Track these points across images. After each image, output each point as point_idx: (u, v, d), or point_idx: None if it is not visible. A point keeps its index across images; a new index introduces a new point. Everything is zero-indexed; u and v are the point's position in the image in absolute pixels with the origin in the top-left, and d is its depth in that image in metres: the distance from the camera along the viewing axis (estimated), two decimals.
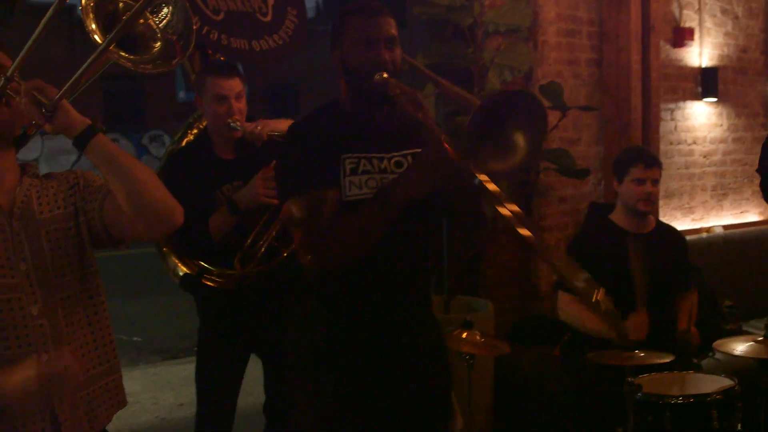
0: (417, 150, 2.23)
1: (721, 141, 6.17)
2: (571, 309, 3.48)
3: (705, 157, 6.07)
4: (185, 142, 3.28)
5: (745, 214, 6.39)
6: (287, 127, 2.79)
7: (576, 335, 3.54)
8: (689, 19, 5.75)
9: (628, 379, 2.84)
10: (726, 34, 6.07)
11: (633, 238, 3.36)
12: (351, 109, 2.23)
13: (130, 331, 7.05)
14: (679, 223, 5.73)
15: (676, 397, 2.88)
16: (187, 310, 3.24)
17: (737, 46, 6.17)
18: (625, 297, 3.40)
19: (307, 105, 20.09)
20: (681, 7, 5.69)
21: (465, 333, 3.15)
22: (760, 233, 5.93)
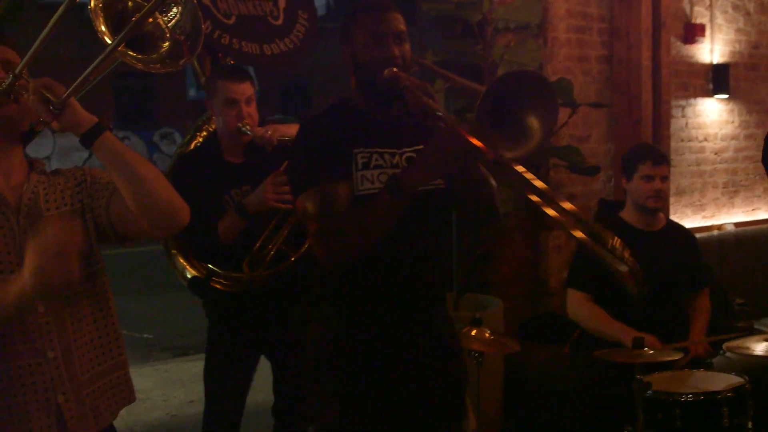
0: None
1: (733, 138, 6.14)
2: (581, 308, 3.47)
3: (716, 154, 6.04)
4: (194, 145, 3.29)
5: (757, 212, 6.36)
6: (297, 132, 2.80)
7: (586, 332, 3.53)
8: (700, 15, 5.73)
9: (638, 376, 2.83)
10: (737, 30, 6.04)
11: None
12: (362, 105, 2.24)
13: (141, 328, 7.07)
14: (690, 220, 5.71)
15: (686, 394, 2.87)
16: (197, 308, 3.25)
17: (749, 42, 6.13)
18: (635, 297, 3.39)
19: (317, 102, 20.10)
20: (692, 4, 5.66)
21: (474, 330, 3.14)
22: None
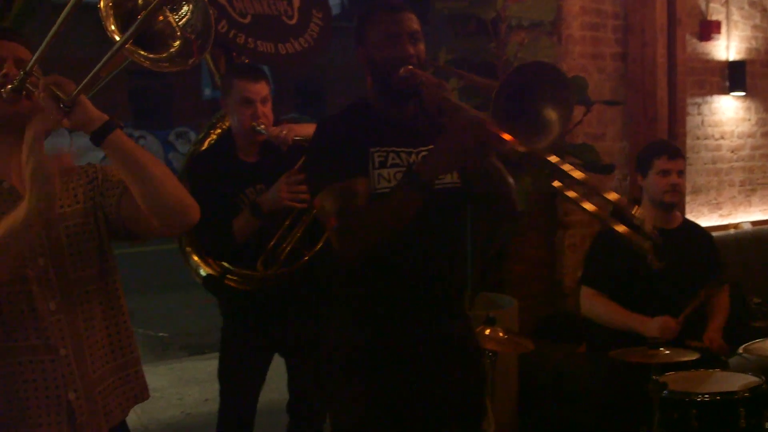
0: None
1: (749, 135, 6.09)
2: (595, 304, 3.45)
3: (733, 152, 5.99)
4: (208, 143, 3.29)
5: None
6: (312, 131, 2.81)
7: (602, 332, 3.51)
8: (716, 12, 5.68)
9: (654, 377, 2.82)
10: (754, 27, 5.98)
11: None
12: (378, 106, 2.25)
13: (156, 327, 7.10)
14: (706, 219, 5.67)
15: (702, 395, 2.84)
16: (213, 306, 3.26)
17: (765, 39, 6.08)
18: (651, 294, 3.37)
19: (332, 101, 20.12)
20: (707, 0, 5.62)
21: (488, 329, 3.13)
22: None
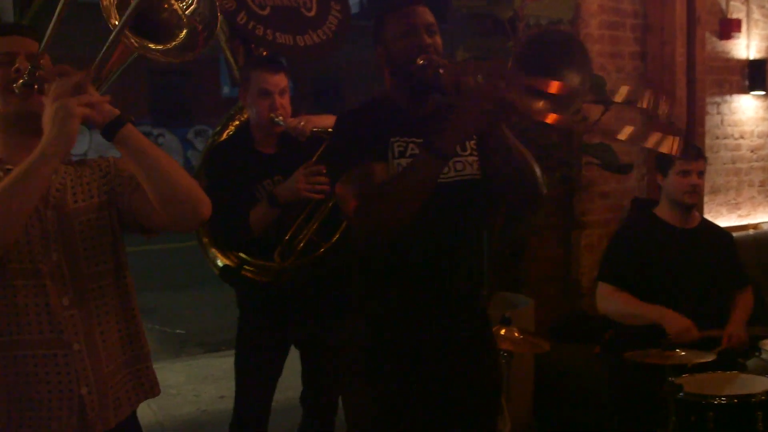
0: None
1: None
2: (611, 299, 3.43)
3: (752, 151, 5.93)
4: (226, 135, 3.31)
5: None
6: (330, 123, 2.81)
7: (617, 332, 3.49)
8: (736, 11, 5.63)
9: (669, 378, 2.80)
10: None
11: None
12: (398, 99, 2.26)
13: (173, 324, 7.14)
14: (725, 219, 5.62)
15: (719, 397, 2.82)
16: (230, 303, 3.28)
17: None
18: (670, 292, 3.35)
19: (350, 100, 20.12)
20: None
21: (503, 330, 3.12)
22: None
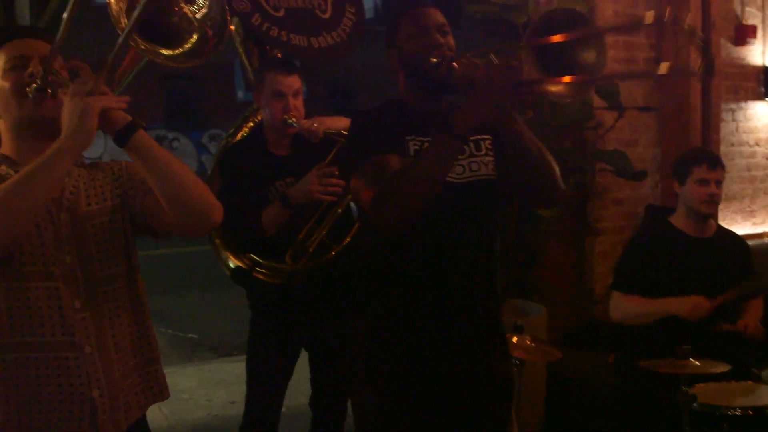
0: (484, 136, 2.24)
1: None
2: (624, 303, 3.40)
3: None
4: (240, 137, 3.33)
5: None
6: (343, 125, 2.81)
7: (631, 340, 3.47)
8: (752, 17, 5.59)
9: (683, 388, 2.77)
10: None
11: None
12: (412, 101, 2.27)
13: (185, 328, 7.15)
14: (739, 227, 5.57)
15: (733, 408, 2.79)
16: (242, 308, 3.29)
17: None
18: None
19: (363, 104, 20.14)
20: (743, 4, 5.52)
21: (515, 337, 3.10)
22: None
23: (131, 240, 1.98)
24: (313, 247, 3.01)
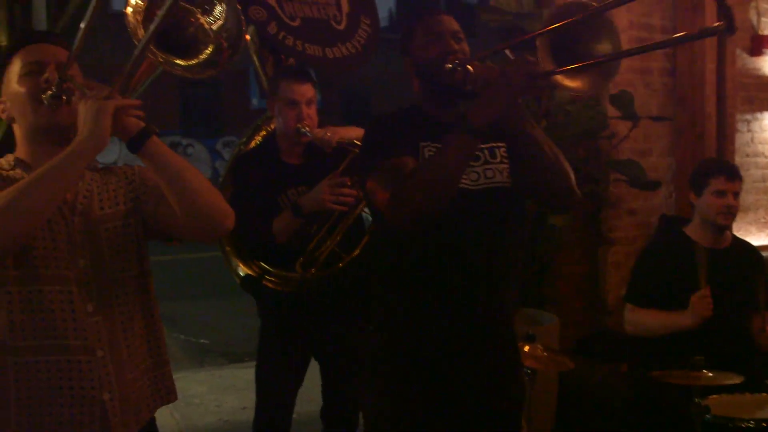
0: (499, 144, 2.23)
1: None
2: (638, 316, 3.38)
3: None
4: (253, 144, 3.34)
5: None
6: (356, 135, 2.81)
7: (643, 351, 3.44)
8: (767, 27, 5.57)
9: (696, 399, 2.75)
10: None
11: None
12: (428, 108, 2.27)
13: (197, 334, 7.16)
14: (754, 238, 5.53)
15: (747, 420, 2.76)
16: (254, 315, 3.29)
17: None
18: None
19: (378, 112, 20.17)
20: (759, 14, 5.50)
21: (527, 346, 3.09)
22: None
23: (143, 244, 1.99)
24: (323, 257, 3.01)
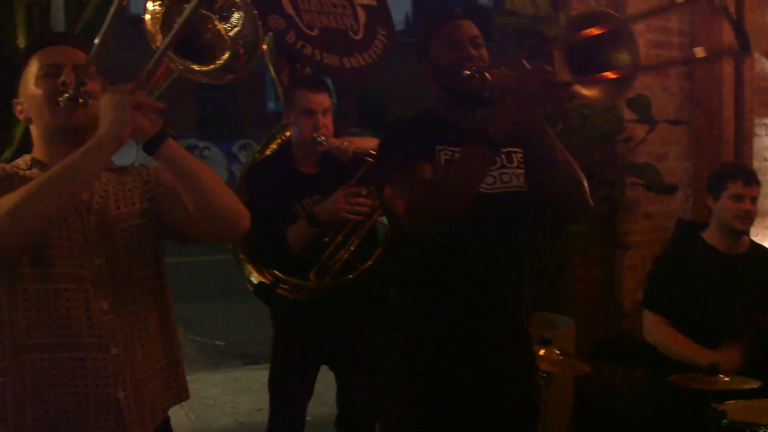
0: (516, 149, 2.23)
1: None
2: (658, 331, 3.37)
3: None
4: (268, 152, 3.33)
5: None
6: (373, 145, 2.82)
7: (660, 356, 3.43)
8: None
9: (713, 404, 2.73)
10: None
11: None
12: (445, 113, 2.27)
13: (213, 335, 7.18)
14: None
15: (765, 425, 2.74)
16: (269, 317, 3.30)
17: None
18: (717, 318, 3.27)
19: (395, 116, 20.20)
20: None
21: (543, 350, 3.08)
22: None
23: (159, 244, 2.00)
24: (338, 266, 3.01)
